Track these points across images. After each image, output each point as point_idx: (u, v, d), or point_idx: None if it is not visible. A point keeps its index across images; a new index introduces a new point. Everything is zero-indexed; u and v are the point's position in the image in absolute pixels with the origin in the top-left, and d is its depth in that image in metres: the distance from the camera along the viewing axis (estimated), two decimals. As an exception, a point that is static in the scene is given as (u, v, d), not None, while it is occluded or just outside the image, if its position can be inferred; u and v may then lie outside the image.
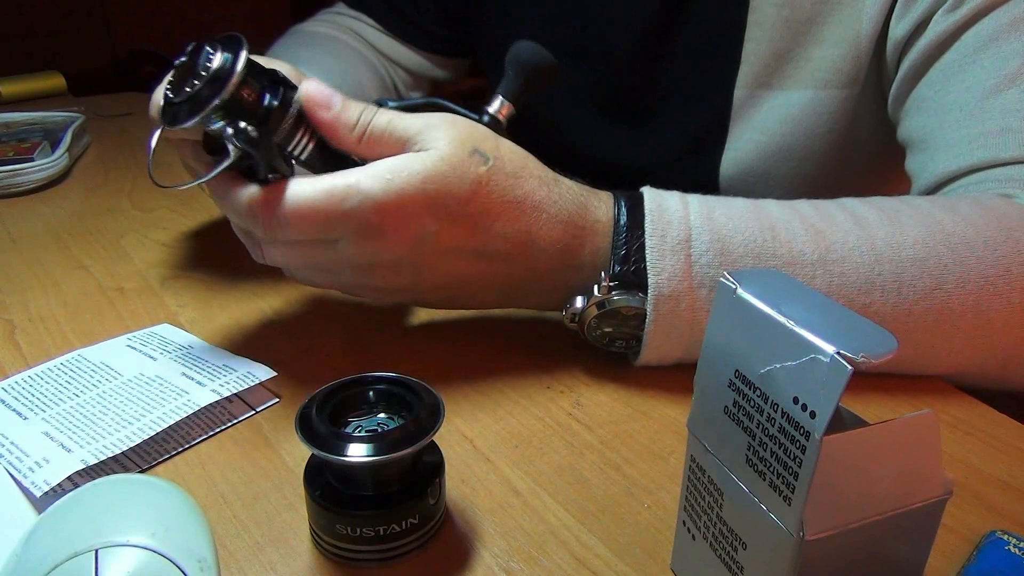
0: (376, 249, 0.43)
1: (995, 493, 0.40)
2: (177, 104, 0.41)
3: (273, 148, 0.42)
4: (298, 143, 0.43)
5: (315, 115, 0.43)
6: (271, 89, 0.42)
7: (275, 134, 0.42)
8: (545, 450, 0.43)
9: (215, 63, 0.40)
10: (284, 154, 0.43)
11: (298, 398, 0.46)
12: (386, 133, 0.43)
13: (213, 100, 0.40)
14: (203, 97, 0.40)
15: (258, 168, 0.42)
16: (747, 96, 0.65)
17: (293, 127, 0.42)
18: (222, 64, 0.40)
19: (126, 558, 0.27)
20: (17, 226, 0.72)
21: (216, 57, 0.40)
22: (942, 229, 0.46)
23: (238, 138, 0.40)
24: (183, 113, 0.41)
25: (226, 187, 0.43)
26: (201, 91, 0.40)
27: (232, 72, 0.40)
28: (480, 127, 0.46)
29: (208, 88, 0.40)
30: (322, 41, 0.82)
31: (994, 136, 0.51)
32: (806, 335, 0.25)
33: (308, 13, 0.89)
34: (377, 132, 0.43)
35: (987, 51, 0.53)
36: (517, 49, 0.54)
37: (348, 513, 0.34)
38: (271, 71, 0.43)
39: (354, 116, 0.43)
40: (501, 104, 0.52)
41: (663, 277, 0.44)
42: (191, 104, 0.41)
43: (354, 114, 0.43)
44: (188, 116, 0.41)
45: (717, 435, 0.30)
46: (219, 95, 0.40)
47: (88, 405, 0.44)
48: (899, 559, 0.29)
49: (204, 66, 0.40)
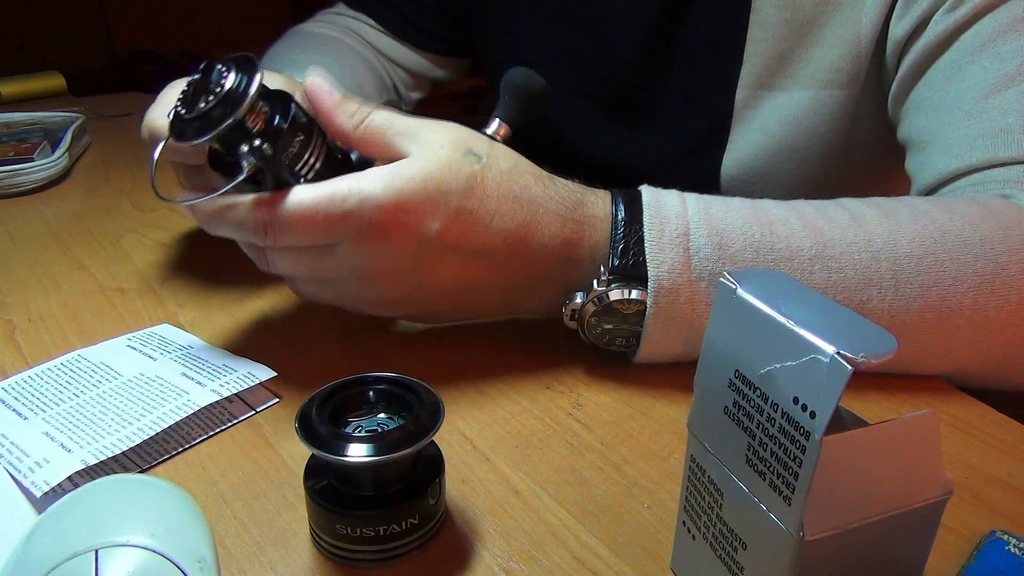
0: (378, 252, 0.43)
1: (995, 493, 0.40)
2: (187, 120, 0.42)
3: (285, 166, 0.43)
4: (305, 163, 0.44)
5: (316, 104, 0.44)
6: (281, 110, 0.43)
7: (286, 153, 0.43)
8: (545, 450, 0.43)
9: (228, 83, 0.41)
10: (293, 172, 0.44)
11: (298, 398, 0.46)
12: (383, 127, 0.44)
13: (226, 120, 0.41)
14: (215, 116, 0.41)
15: (265, 185, 0.43)
16: (748, 97, 0.65)
17: (302, 147, 0.44)
18: (235, 84, 0.41)
19: (126, 558, 0.27)
20: (17, 226, 0.72)
21: (230, 77, 0.41)
22: (939, 228, 0.46)
23: (254, 155, 0.41)
24: (192, 130, 0.42)
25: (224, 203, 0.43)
26: (213, 110, 0.41)
27: (246, 93, 0.41)
28: (473, 131, 0.47)
29: (220, 107, 0.41)
30: (322, 42, 0.82)
31: (993, 136, 0.51)
32: (806, 335, 0.25)
33: (308, 13, 0.89)
34: (374, 126, 0.44)
35: (986, 51, 0.53)
36: (511, 75, 0.55)
37: (348, 513, 0.34)
38: (280, 92, 0.44)
39: (353, 107, 0.45)
40: (499, 125, 0.53)
41: (663, 270, 0.44)
42: (203, 122, 0.41)
43: (353, 105, 0.45)
44: (198, 134, 0.41)
45: (717, 435, 0.30)
46: (233, 114, 0.41)
47: (88, 405, 0.44)
48: (899, 559, 0.29)
49: (218, 85, 0.41)
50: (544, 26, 0.74)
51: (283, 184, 0.43)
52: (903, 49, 0.58)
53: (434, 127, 0.45)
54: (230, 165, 0.43)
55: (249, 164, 0.41)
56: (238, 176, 0.42)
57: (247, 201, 0.43)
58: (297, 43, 0.81)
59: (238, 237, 0.45)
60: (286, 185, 0.43)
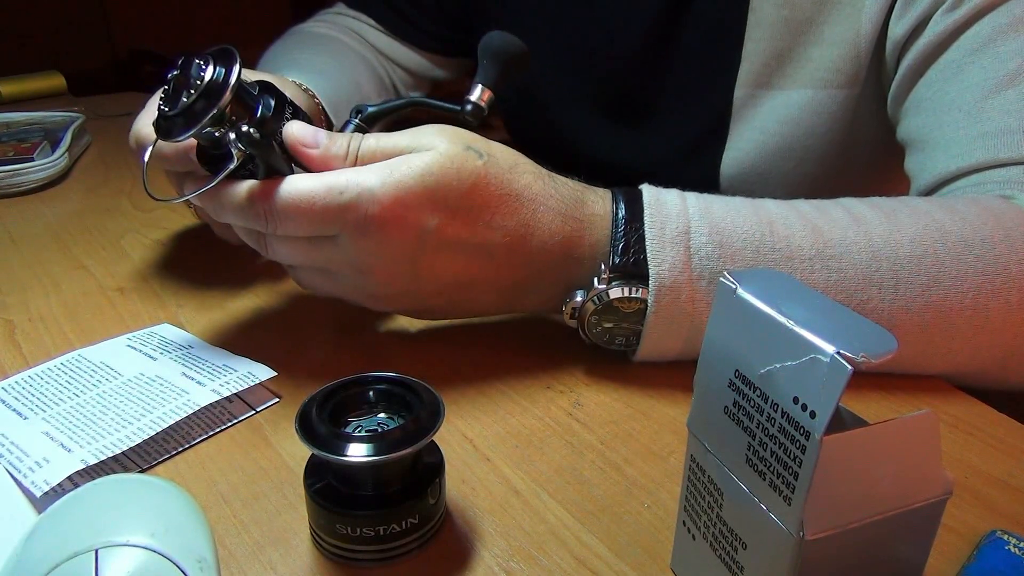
0: (376, 245, 0.43)
1: (995, 493, 0.40)
2: (171, 118, 0.42)
3: (275, 149, 0.43)
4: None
5: (303, 153, 0.44)
6: (263, 97, 0.43)
7: (275, 135, 0.43)
8: (545, 450, 0.43)
9: (207, 75, 0.41)
10: (284, 156, 0.44)
11: (298, 398, 0.46)
12: (374, 147, 0.45)
13: (209, 111, 0.40)
14: (198, 110, 0.41)
15: (257, 172, 0.43)
16: (747, 96, 0.65)
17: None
18: (214, 76, 0.41)
19: (126, 558, 0.27)
20: (17, 226, 0.72)
21: (208, 69, 0.41)
22: (939, 228, 0.46)
23: (241, 141, 0.41)
24: (177, 127, 0.41)
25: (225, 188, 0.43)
26: (195, 104, 0.41)
27: (227, 83, 0.41)
28: (468, 131, 0.47)
29: (202, 101, 0.41)
30: (321, 42, 0.82)
31: (993, 137, 0.51)
32: (806, 335, 0.25)
33: (308, 13, 0.89)
34: (367, 148, 0.45)
35: (986, 51, 0.53)
36: (488, 39, 0.55)
37: (348, 513, 0.34)
38: (262, 80, 0.44)
39: (343, 148, 0.44)
40: (481, 91, 0.53)
41: (663, 268, 0.44)
42: (185, 117, 0.41)
43: (342, 146, 0.44)
44: (183, 129, 0.41)
45: (717, 435, 0.30)
46: (216, 106, 0.40)
47: (88, 405, 0.44)
48: (899, 559, 0.29)
49: (197, 78, 0.41)
50: (543, 26, 0.75)
51: (276, 172, 0.43)
52: (902, 49, 0.58)
53: (429, 130, 0.45)
54: (220, 159, 0.43)
55: (238, 151, 0.41)
56: (228, 165, 0.42)
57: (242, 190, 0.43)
58: (296, 43, 0.81)
59: (239, 223, 0.45)
60: (280, 167, 0.43)
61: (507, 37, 0.55)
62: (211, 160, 0.45)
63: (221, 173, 0.42)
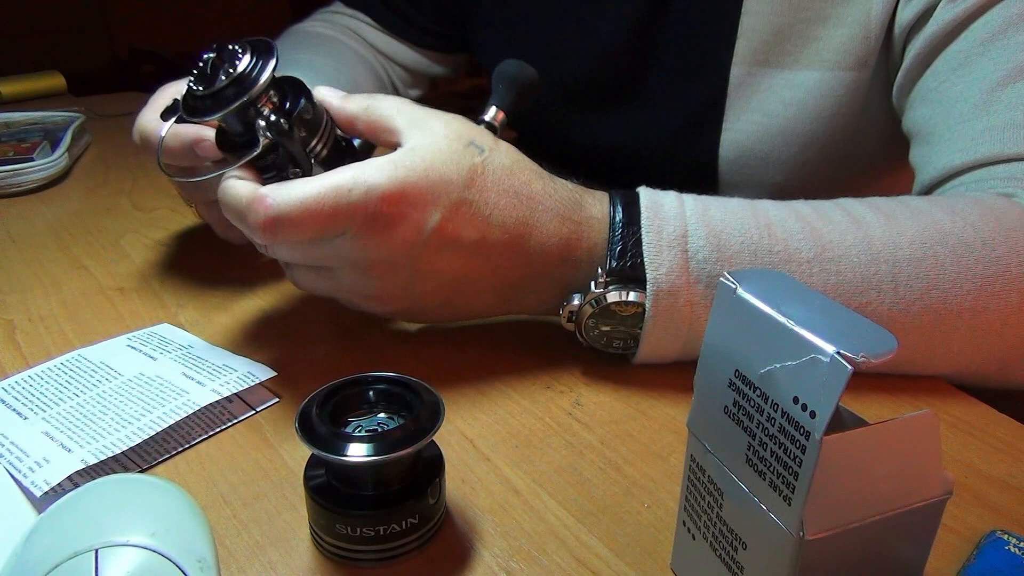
0: (379, 242, 0.43)
1: (995, 493, 0.40)
2: (200, 97, 0.43)
3: (299, 142, 0.44)
4: (319, 140, 0.45)
5: (326, 101, 0.46)
6: (291, 93, 0.44)
7: (300, 129, 0.44)
8: (545, 450, 0.43)
9: (243, 63, 0.42)
10: (306, 149, 0.45)
11: (298, 398, 0.46)
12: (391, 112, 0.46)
13: (242, 97, 0.42)
14: (229, 95, 0.42)
15: (278, 164, 0.44)
16: (745, 74, 0.63)
17: (314, 125, 0.45)
18: (250, 64, 0.42)
19: (126, 558, 0.27)
20: (17, 226, 0.72)
21: (244, 58, 0.42)
22: (940, 229, 0.45)
23: (270, 129, 0.42)
24: (205, 107, 0.43)
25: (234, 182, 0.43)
26: (227, 88, 0.42)
27: (262, 72, 0.42)
28: (476, 125, 0.48)
29: (235, 86, 0.42)
30: (319, 41, 0.82)
31: (999, 131, 0.50)
32: (806, 335, 0.25)
33: (307, 13, 0.89)
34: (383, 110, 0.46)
35: (995, 43, 0.52)
36: (504, 66, 0.56)
37: (348, 513, 0.34)
38: (291, 77, 0.46)
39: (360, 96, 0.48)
40: (495, 112, 0.54)
41: (661, 272, 0.44)
42: (215, 100, 0.42)
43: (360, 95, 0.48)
44: (211, 111, 0.42)
45: (717, 435, 0.30)
46: (247, 92, 0.42)
47: (88, 405, 0.44)
48: (899, 559, 0.29)
49: (232, 64, 0.42)
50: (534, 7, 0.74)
51: (296, 165, 0.44)
52: (908, 35, 0.57)
53: (441, 117, 0.46)
54: (239, 145, 0.45)
55: (265, 138, 0.42)
56: (254, 150, 0.43)
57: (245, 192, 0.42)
58: (295, 42, 0.81)
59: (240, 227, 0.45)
60: (301, 162, 0.44)
61: (522, 65, 0.56)
62: (232, 147, 0.46)
63: (244, 158, 0.43)
